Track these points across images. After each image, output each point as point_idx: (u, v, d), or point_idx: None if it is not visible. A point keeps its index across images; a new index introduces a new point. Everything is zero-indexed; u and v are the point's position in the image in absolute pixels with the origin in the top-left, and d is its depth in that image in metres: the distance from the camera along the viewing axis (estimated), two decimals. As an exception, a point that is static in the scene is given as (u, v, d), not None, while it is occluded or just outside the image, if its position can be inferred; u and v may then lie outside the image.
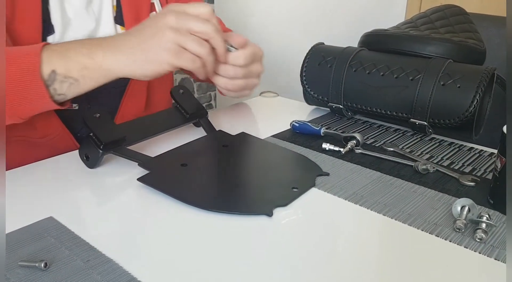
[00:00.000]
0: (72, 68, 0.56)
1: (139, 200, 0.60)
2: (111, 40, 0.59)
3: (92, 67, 0.57)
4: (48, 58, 0.56)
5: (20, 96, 0.56)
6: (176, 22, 0.57)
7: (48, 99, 0.57)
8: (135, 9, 0.82)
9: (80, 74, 0.56)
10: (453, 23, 0.92)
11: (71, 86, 0.57)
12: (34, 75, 0.55)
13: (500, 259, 0.49)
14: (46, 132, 0.76)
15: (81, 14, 0.77)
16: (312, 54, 0.91)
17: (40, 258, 0.47)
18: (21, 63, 0.55)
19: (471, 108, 0.74)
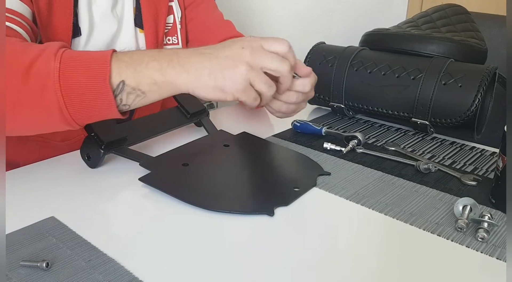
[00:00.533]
0: (142, 82, 0.55)
1: (141, 200, 0.60)
2: (183, 59, 0.57)
3: (162, 83, 0.56)
4: (117, 68, 0.55)
5: (86, 103, 0.55)
6: (252, 58, 0.56)
7: (114, 109, 0.56)
8: (154, 11, 0.82)
9: (149, 88, 0.56)
10: (455, 22, 0.92)
11: (137, 98, 0.57)
12: (104, 84, 0.53)
13: (502, 258, 0.49)
14: (68, 137, 0.76)
15: (106, 17, 0.77)
16: (313, 53, 0.91)
17: (42, 258, 0.47)
18: (90, 70, 0.54)
19: (473, 108, 0.74)
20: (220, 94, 0.57)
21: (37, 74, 0.53)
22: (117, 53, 0.56)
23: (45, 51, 0.55)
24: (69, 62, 0.54)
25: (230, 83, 0.56)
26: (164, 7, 0.84)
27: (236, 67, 0.56)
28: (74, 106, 0.54)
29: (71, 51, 0.56)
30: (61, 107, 0.54)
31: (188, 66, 0.56)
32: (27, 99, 0.54)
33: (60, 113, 0.54)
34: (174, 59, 0.57)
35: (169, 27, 0.86)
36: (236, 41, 0.59)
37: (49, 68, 0.53)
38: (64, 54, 0.54)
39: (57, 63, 0.53)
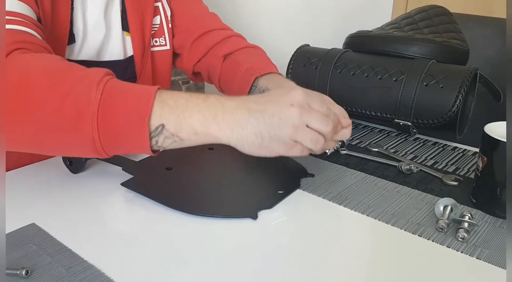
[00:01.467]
0: (183, 130, 0.53)
1: (123, 205, 0.60)
2: (228, 115, 0.54)
3: (203, 134, 0.54)
4: (160, 110, 0.52)
5: (120, 139, 0.52)
6: (299, 118, 0.53)
7: (148, 148, 0.53)
8: (140, 13, 0.81)
9: (188, 137, 0.54)
10: (437, 24, 0.93)
11: (174, 143, 0.54)
12: (143, 124, 0.51)
13: (481, 258, 0.50)
14: None
15: (99, 23, 0.77)
16: (298, 56, 0.91)
17: (22, 266, 0.47)
18: (131, 107, 0.51)
19: (454, 108, 0.75)
20: (265, 152, 0.55)
21: (76, 99, 0.50)
22: (162, 94, 0.53)
23: (89, 78, 0.52)
24: (111, 94, 0.51)
25: (275, 142, 0.54)
26: (150, 8, 0.83)
27: (283, 128, 0.53)
28: (108, 139, 0.52)
29: (115, 82, 0.53)
30: (95, 138, 0.51)
31: (233, 123, 0.53)
32: (60, 124, 0.51)
33: (92, 143, 0.52)
34: (219, 115, 0.54)
35: (155, 28, 0.85)
36: (284, 95, 0.56)
37: (90, 97, 0.50)
38: (108, 85, 0.51)
39: (98, 94, 0.50)
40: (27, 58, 0.56)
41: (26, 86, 0.52)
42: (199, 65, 0.91)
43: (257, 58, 0.84)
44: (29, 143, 0.54)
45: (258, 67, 0.79)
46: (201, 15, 0.91)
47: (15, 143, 0.55)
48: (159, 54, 0.87)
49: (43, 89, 0.51)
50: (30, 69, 0.53)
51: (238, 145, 0.54)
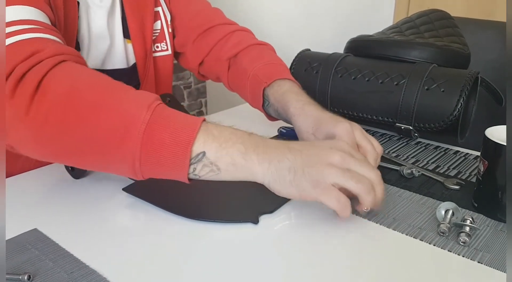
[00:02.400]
0: (222, 160, 0.52)
1: (125, 211, 0.60)
2: (269, 148, 0.54)
3: (241, 166, 0.53)
4: (204, 137, 0.52)
5: (160, 162, 0.52)
6: (340, 164, 0.52)
7: (185, 175, 0.52)
8: (140, 19, 0.81)
9: (226, 167, 0.53)
10: (438, 28, 0.93)
11: (210, 173, 0.54)
12: (185, 148, 0.51)
13: (483, 262, 0.50)
14: None
15: (103, 32, 0.77)
16: (298, 60, 0.92)
17: (24, 271, 0.47)
18: (177, 132, 0.51)
19: (456, 112, 0.75)
20: (299, 194, 0.53)
21: (125, 117, 0.51)
22: (207, 124, 0.54)
23: (140, 98, 0.52)
24: (159, 117, 0.51)
25: (311, 186, 0.52)
26: (150, 13, 0.83)
27: (321, 173, 0.52)
28: (149, 160, 0.52)
29: (164, 107, 0.53)
30: (135, 158, 0.51)
31: (272, 156, 0.53)
32: (106, 139, 0.51)
33: (132, 163, 0.51)
34: (260, 147, 0.54)
35: (156, 33, 0.85)
36: (326, 142, 0.56)
37: (140, 116, 0.50)
38: (158, 108, 0.52)
39: (148, 115, 0.51)
40: (76, 70, 0.55)
41: (76, 98, 0.52)
42: (204, 68, 0.91)
43: (262, 62, 0.82)
44: (71, 154, 0.54)
45: (264, 74, 0.79)
46: (201, 11, 0.90)
47: (57, 153, 0.55)
48: (161, 59, 0.87)
49: (93, 103, 0.52)
50: (80, 82, 0.53)
51: (271, 181, 0.53)
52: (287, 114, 0.73)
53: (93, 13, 0.75)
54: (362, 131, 0.64)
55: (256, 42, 0.88)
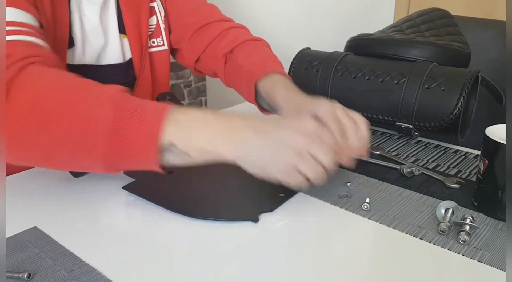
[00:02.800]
0: (193, 149, 0.53)
1: (124, 209, 0.60)
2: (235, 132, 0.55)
3: (210, 151, 0.54)
4: (171, 128, 0.52)
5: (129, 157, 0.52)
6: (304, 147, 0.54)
7: (157, 167, 0.53)
8: (135, 15, 0.81)
9: (196, 154, 0.54)
10: (438, 26, 0.93)
11: (182, 160, 0.55)
12: (153, 144, 0.51)
13: (483, 260, 0.50)
14: None
15: (95, 28, 0.77)
16: (299, 59, 0.92)
17: (24, 269, 0.47)
18: (143, 125, 0.51)
19: (456, 111, 0.75)
20: (261, 172, 0.55)
21: (92, 116, 0.51)
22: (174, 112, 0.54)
23: (104, 94, 0.53)
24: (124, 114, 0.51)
25: (275, 168, 0.55)
26: (145, 8, 0.83)
27: (285, 154, 0.54)
28: (119, 159, 0.53)
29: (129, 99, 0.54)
30: (106, 158, 0.52)
31: (238, 142, 0.55)
32: (76, 139, 0.51)
33: (103, 162, 0.52)
34: (226, 132, 0.55)
35: (152, 29, 0.86)
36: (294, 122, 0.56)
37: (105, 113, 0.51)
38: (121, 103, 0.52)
39: (111, 113, 0.51)
40: (43, 74, 0.56)
41: (42, 102, 0.52)
42: (200, 64, 0.91)
43: (257, 57, 0.83)
44: (45, 158, 0.54)
45: (257, 68, 0.79)
46: (197, 8, 0.90)
47: (31, 158, 0.55)
48: (157, 54, 0.87)
49: (59, 105, 0.52)
50: (46, 85, 0.54)
51: (240, 162, 0.55)
52: (275, 105, 0.74)
53: (86, 8, 0.75)
54: (343, 110, 0.65)
55: (252, 38, 0.88)
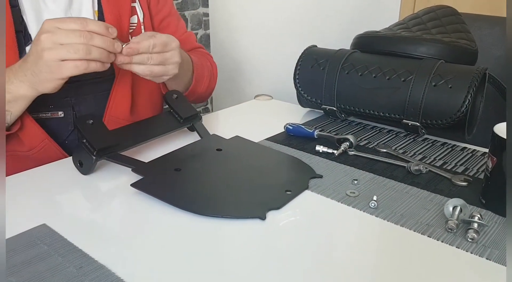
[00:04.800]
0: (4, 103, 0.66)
1: (133, 206, 0.60)
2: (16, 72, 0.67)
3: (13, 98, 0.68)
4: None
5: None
6: (48, 41, 0.63)
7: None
8: (116, 12, 0.83)
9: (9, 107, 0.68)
10: (445, 24, 0.92)
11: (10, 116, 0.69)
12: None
13: (491, 258, 0.50)
14: (32, 145, 0.76)
15: None
16: (305, 57, 0.91)
17: (33, 266, 0.47)
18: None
19: (463, 109, 0.74)
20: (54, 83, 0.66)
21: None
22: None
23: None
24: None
25: (46, 72, 0.64)
26: (127, 7, 0.85)
27: (40, 57, 0.63)
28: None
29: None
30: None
31: (21, 77, 0.67)
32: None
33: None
34: (11, 76, 0.67)
35: (133, 27, 0.87)
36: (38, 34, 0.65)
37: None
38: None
39: None
40: None
41: None
42: None
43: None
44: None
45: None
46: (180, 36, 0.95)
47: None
48: None
49: None
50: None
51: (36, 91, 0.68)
52: None
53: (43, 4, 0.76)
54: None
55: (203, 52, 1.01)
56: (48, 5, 0.77)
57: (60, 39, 0.63)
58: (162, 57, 0.73)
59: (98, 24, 0.66)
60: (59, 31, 0.63)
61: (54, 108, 0.80)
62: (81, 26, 0.64)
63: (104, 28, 0.66)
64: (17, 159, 0.76)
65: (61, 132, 0.81)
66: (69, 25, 0.64)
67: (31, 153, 0.77)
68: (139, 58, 0.71)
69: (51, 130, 0.79)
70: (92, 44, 0.64)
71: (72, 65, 0.64)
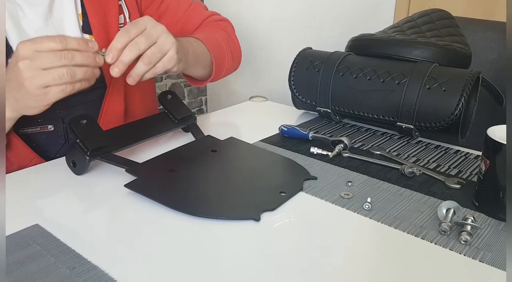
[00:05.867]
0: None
1: (126, 207, 0.60)
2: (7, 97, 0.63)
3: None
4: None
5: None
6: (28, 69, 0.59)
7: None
8: (101, 14, 0.80)
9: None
10: (439, 27, 0.93)
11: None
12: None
13: (484, 261, 0.50)
14: (22, 165, 0.74)
15: (41, 29, 0.74)
16: (300, 59, 0.92)
17: (25, 266, 0.47)
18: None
19: (457, 112, 0.75)
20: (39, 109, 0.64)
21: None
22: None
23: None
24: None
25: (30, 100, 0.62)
26: (114, 6, 0.81)
27: (23, 85, 0.60)
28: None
29: None
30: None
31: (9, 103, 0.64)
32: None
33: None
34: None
35: (121, 26, 0.84)
36: (12, 57, 0.61)
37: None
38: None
39: None
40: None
41: None
42: None
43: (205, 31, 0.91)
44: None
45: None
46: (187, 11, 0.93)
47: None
48: None
49: None
50: None
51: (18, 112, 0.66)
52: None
53: (21, 12, 0.73)
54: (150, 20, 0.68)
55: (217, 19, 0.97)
56: (26, 12, 0.74)
57: (40, 64, 0.59)
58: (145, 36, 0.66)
59: (77, 41, 0.62)
60: (38, 56, 0.59)
61: (43, 122, 0.77)
62: (60, 45, 0.60)
63: (84, 44, 0.62)
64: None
65: (51, 146, 0.79)
66: (48, 46, 0.60)
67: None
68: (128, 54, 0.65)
69: (40, 145, 0.77)
70: (75, 63, 0.61)
71: (58, 90, 0.61)
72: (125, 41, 0.65)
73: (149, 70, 0.68)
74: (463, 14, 1.24)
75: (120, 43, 0.65)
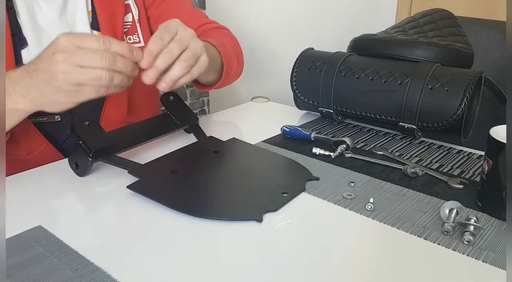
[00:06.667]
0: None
1: (129, 208, 0.60)
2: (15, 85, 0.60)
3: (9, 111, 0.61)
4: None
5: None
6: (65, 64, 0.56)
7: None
8: (109, 11, 0.82)
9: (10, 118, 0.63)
10: (441, 27, 0.93)
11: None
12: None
13: (487, 261, 0.50)
14: (30, 149, 0.76)
15: (55, 24, 0.77)
16: (302, 59, 0.92)
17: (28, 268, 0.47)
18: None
19: (459, 111, 0.74)
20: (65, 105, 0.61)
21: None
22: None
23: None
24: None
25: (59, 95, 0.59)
26: (121, 5, 0.83)
27: (54, 78, 0.57)
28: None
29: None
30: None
31: (22, 91, 0.60)
32: None
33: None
34: (9, 88, 0.60)
35: (128, 26, 0.86)
36: (48, 47, 0.58)
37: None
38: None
39: None
40: None
41: None
42: None
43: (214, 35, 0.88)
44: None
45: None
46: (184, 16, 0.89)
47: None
48: None
49: None
50: None
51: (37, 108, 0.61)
52: None
53: (42, 6, 0.75)
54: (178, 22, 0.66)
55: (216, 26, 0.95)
56: (42, 6, 0.76)
57: (80, 60, 0.56)
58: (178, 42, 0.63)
59: (122, 45, 0.59)
60: (79, 52, 0.57)
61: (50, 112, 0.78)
62: (104, 46, 0.57)
63: (129, 51, 0.59)
64: (14, 163, 0.76)
65: (58, 136, 0.81)
66: (91, 44, 0.57)
67: (29, 156, 0.76)
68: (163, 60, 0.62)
69: (48, 134, 0.79)
70: (114, 68, 0.58)
71: (91, 91, 0.58)
72: (159, 48, 0.62)
73: (184, 75, 0.66)
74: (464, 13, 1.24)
75: (155, 50, 0.62)
